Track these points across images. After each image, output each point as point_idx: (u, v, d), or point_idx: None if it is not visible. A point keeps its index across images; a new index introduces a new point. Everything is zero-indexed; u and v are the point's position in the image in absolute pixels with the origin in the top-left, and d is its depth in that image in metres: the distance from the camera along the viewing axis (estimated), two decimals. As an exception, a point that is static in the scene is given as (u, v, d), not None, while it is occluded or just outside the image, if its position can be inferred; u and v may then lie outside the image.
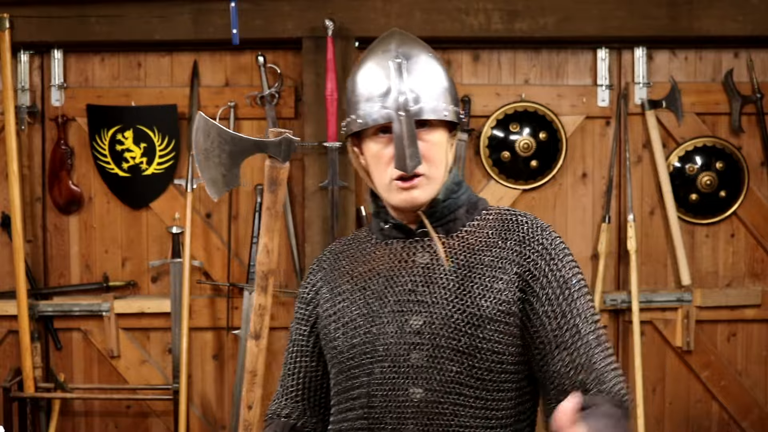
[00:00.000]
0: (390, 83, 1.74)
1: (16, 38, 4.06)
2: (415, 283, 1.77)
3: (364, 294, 1.81)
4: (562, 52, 4.28)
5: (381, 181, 1.79)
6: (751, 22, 4.10)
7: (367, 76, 1.78)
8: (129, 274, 4.31)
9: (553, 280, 1.75)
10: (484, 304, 1.72)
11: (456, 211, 1.82)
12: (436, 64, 1.81)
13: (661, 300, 4.25)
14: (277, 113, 4.18)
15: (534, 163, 4.24)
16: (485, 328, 1.71)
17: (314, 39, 4.04)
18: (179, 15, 4.08)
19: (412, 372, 1.72)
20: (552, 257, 1.77)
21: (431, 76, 1.78)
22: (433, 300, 1.75)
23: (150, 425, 4.34)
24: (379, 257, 1.84)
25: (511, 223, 1.82)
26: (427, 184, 1.77)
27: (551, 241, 1.79)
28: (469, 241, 1.80)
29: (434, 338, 1.72)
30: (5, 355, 4.29)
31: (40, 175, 4.29)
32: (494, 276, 1.75)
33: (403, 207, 1.79)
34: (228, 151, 1.75)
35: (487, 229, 1.81)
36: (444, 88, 1.79)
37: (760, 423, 4.32)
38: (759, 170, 4.32)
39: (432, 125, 1.77)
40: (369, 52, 1.82)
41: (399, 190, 1.76)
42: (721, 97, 4.27)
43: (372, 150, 1.79)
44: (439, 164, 1.79)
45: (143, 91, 4.26)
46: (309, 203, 4.10)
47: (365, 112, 1.76)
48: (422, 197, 1.77)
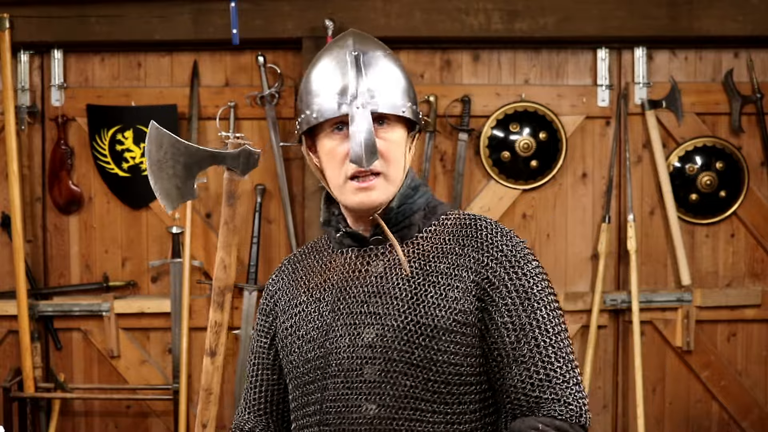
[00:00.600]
0: (347, 77, 1.67)
1: (16, 38, 4.06)
2: (367, 294, 1.69)
3: (318, 306, 1.73)
4: (562, 52, 4.28)
5: (335, 181, 1.70)
6: (751, 22, 4.10)
7: (323, 71, 1.71)
8: (129, 274, 4.31)
9: (513, 290, 1.66)
10: (439, 314, 1.64)
11: (411, 216, 1.74)
12: (394, 62, 1.74)
13: (661, 300, 4.25)
14: (277, 113, 4.18)
15: (534, 163, 4.24)
16: (440, 339, 1.63)
17: (314, 39, 4.04)
18: (179, 15, 4.08)
19: (365, 387, 1.65)
20: (512, 264, 1.67)
21: (389, 73, 1.71)
22: (386, 311, 1.66)
23: (150, 425, 4.34)
24: (333, 267, 1.77)
25: (470, 228, 1.72)
26: (384, 185, 1.69)
27: (512, 246, 1.69)
28: (425, 248, 1.71)
29: (387, 351, 1.64)
30: (5, 355, 4.29)
31: (40, 175, 4.29)
32: (450, 284, 1.66)
33: (359, 209, 1.70)
34: (182, 162, 1.65)
35: (445, 235, 1.72)
36: (402, 86, 1.71)
37: (760, 423, 4.32)
38: (759, 170, 4.32)
39: (390, 123, 1.69)
40: (324, 49, 1.76)
41: (355, 191, 1.68)
42: (721, 97, 4.27)
43: (326, 147, 1.70)
44: (397, 164, 1.71)
45: (143, 91, 4.26)
46: (309, 203, 4.10)
47: (320, 106, 1.68)
48: (379, 198, 1.69)
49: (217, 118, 4.15)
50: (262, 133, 4.22)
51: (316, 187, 4.08)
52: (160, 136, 1.66)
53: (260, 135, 4.23)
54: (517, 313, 1.65)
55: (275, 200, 4.25)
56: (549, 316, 1.66)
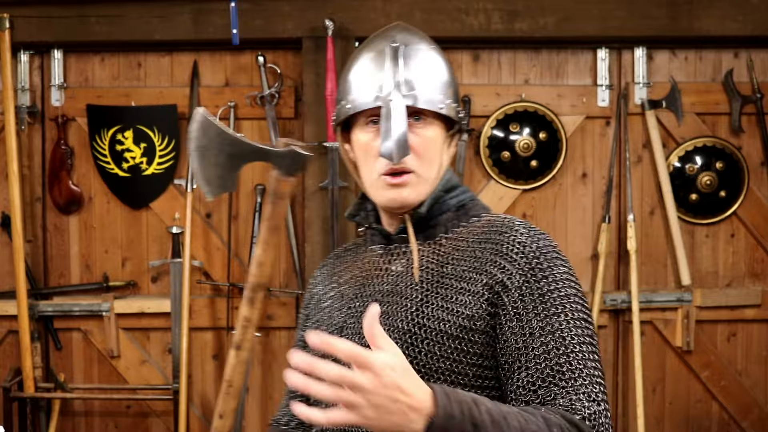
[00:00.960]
0: (384, 68, 1.62)
1: (16, 38, 4.06)
2: (383, 294, 1.64)
3: (341, 303, 1.70)
4: (562, 52, 4.28)
5: (368, 177, 1.66)
6: (751, 22, 4.10)
7: (362, 62, 1.66)
8: (129, 274, 4.31)
9: (527, 293, 1.53)
10: (445, 318, 1.55)
11: (439, 217, 1.67)
12: (438, 56, 1.68)
13: (661, 300, 4.25)
14: (277, 113, 4.18)
15: (534, 163, 4.24)
16: (443, 344, 1.54)
17: (314, 39, 4.04)
18: (179, 15, 4.08)
19: None
20: (532, 266, 1.55)
21: (430, 67, 1.65)
22: (395, 313, 1.60)
23: (150, 425, 4.34)
24: (360, 264, 1.73)
25: (495, 230, 1.63)
26: (417, 183, 1.63)
27: (536, 248, 1.58)
28: (445, 250, 1.64)
29: None
30: (5, 355, 4.29)
31: (40, 175, 4.29)
32: (461, 288, 1.57)
33: (390, 206, 1.65)
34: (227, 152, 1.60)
35: (470, 237, 1.64)
36: (443, 82, 1.65)
37: (760, 423, 4.32)
38: (759, 170, 4.32)
39: (427, 120, 1.64)
40: (368, 40, 1.71)
41: (387, 187, 1.63)
42: (721, 97, 4.27)
43: (360, 141, 1.65)
44: (432, 162, 1.65)
45: (143, 91, 4.26)
46: (309, 203, 4.10)
47: (355, 98, 1.64)
48: (411, 197, 1.63)
49: (217, 118, 4.14)
50: (262, 133, 4.22)
51: (316, 187, 4.08)
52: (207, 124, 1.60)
53: (260, 135, 4.23)
54: (528, 317, 1.52)
55: (275, 200, 4.24)
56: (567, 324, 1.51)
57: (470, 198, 1.72)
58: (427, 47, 1.67)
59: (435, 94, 1.63)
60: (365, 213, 1.75)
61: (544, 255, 1.57)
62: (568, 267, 1.59)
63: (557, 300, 1.53)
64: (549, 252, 1.58)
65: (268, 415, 4.28)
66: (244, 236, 4.25)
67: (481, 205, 1.73)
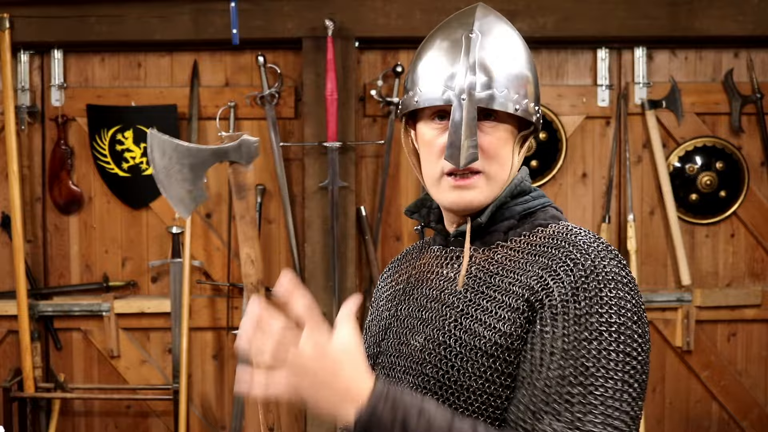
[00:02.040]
0: (458, 61, 1.48)
1: (16, 38, 4.06)
2: (429, 299, 1.54)
3: (391, 304, 1.62)
4: (562, 52, 4.28)
5: (430, 174, 1.52)
6: (751, 22, 4.10)
7: (435, 50, 1.51)
8: (129, 274, 4.31)
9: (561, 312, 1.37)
10: (482, 333, 1.43)
11: (500, 224, 1.53)
12: (520, 48, 1.54)
13: (661, 300, 4.25)
14: (277, 113, 4.18)
15: (534, 163, 4.24)
16: (476, 362, 1.42)
17: (314, 39, 4.04)
18: (179, 15, 4.08)
19: None
20: (576, 287, 1.37)
21: (509, 60, 1.50)
22: (434, 320, 1.50)
23: (150, 425, 4.34)
24: (418, 264, 1.63)
25: (553, 242, 1.47)
26: (485, 185, 1.50)
27: (587, 268, 1.39)
28: (498, 259, 1.50)
29: (423, 365, 1.47)
30: (5, 355, 4.29)
31: (40, 175, 4.29)
32: (503, 302, 1.43)
33: (453, 209, 1.53)
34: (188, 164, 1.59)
35: (528, 247, 1.48)
36: (522, 78, 1.50)
37: (760, 423, 4.32)
38: (759, 170, 4.32)
39: (499, 118, 1.49)
40: (444, 23, 1.55)
41: (450, 189, 1.50)
42: (721, 97, 4.27)
43: (425, 136, 1.52)
44: (503, 163, 1.50)
45: (143, 91, 4.26)
46: (309, 203, 4.09)
47: (425, 90, 1.49)
48: (477, 199, 1.50)
49: (217, 118, 4.15)
50: (262, 133, 4.22)
51: (317, 187, 4.08)
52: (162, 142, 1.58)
53: (260, 135, 4.23)
54: (554, 337, 1.35)
55: (275, 200, 4.25)
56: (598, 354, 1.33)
57: (541, 205, 1.57)
58: (509, 37, 1.53)
59: (511, 92, 1.48)
60: (427, 210, 1.63)
61: (596, 275, 1.38)
62: (625, 292, 1.38)
63: (594, 325, 1.34)
64: (603, 272, 1.39)
65: (268, 415, 4.28)
66: (244, 236, 4.24)
67: (553, 213, 1.57)
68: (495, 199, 1.52)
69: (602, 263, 1.40)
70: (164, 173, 1.59)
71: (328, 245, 4.05)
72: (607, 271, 1.39)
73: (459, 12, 1.56)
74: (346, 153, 4.07)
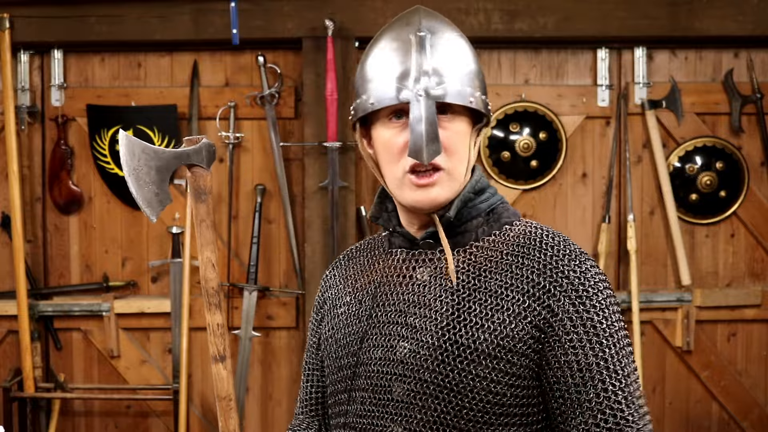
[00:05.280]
0: (410, 60, 1.49)
1: (16, 38, 4.06)
2: (407, 303, 1.53)
3: (358, 310, 1.59)
4: (562, 52, 4.28)
5: (392, 176, 1.53)
6: (751, 22, 4.10)
7: (384, 51, 1.52)
8: (129, 274, 4.31)
9: (579, 324, 1.46)
10: (481, 336, 1.46)
11: (468, 222, 1.56)
12: (465, 44, 1.55)
13: (661, 300, 4.25)
14: (277, 113, 4.18)
15: (534, 163, 4.24)
16: (479, 363, 1.45)
17: (314, 39, 4.04)
18: (179, 15, 4.08)
19: (392, 407, 1.50)
20: (579, 294, 1.47)
21: (458, 56, 1.52)
22: (423, 325, 1.49)
23: (150, 425, 4.34)
24: (380, 268, 1.61)
25: (534, 244, 1.53)
26: (446, 182, 1.51)
27: (581, 273, 1.50)
28: (477, 260, 1.53)
29: (419, 370, 1.48)
30: (5, 355, 4.29)
31: (40, 175, 4.29)
32: (499, 305, 1.48)
33: (419, 208, 1.53)
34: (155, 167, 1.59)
35: (504, 247, 1.53)
36: (472, 72, 1.52)
37: (760, 423, 4.32)
38: (759, 170, 4.32)
39: (455, 113, 1.51)
40: (387, 26, 1.56)
41: (413, 187, 1.51)
42: (721, 97, 4.27)
43: (383, 137, 1.53)
44: (461, 159, 1.52)
45: (143, 91, 4.26)
46: (309, 203, 4.10)
47: (379, 92, 1.50)
48: (440, 197, 1.51)
49: (217, 118, 4.16)
50: (262, 133, 4.22)
51: (317, 187, 4.08)
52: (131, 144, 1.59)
53: (260, 135, 4.23)
54: (584, 351, 1.45)
55: (275, 200, 4.25)
56: (618, 355, 1.47)
57: (500, 201, 1.61)
58: (454, 35, 1.54)
59: (464, 86, 1.50)
60: (387, 214, 1.63)
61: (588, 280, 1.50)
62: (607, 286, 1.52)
63: (607, 330, 1.47)
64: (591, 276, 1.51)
65: (267, 414, 4.28)
66: (244, 236, 4.25)
67: (512, 210, 1.62)
68: (457, 195, 1.54)
69: (587, 266, 1.51)
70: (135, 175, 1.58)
71: (328, 245, 4.05)
72: (593, 273, 1.51)
73: (401, 15, 1.57)
74: (346, 153, 4.07)
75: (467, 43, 1.56)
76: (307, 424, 1.75)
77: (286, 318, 4.26)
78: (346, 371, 1.58)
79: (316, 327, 1.73)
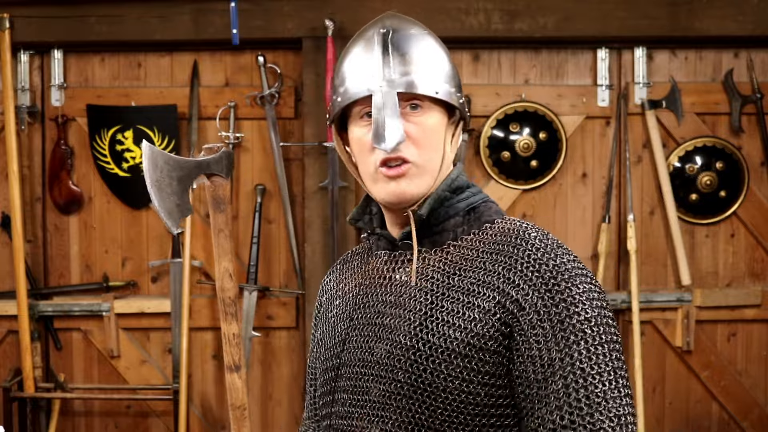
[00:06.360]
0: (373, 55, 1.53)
1: (16, 38, 4.06)
2: (386, 305, 1.53)
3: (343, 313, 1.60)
4: (562, 52, 4.28)
5: (366, 171, 1.54)
6: (751, 22, 4.10)
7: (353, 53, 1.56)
8: (129, 274, 4.31)
9: (545, 318, 1.42)
10: (452, 335, 1.45)
11: (446, 222, 1.56)
12: (433, 41, 1.58)
13: (661, 300, 4.25)
14: (277, 113, 4.18)
15: (534, 163, 4.24)
16: (451, 363, 1.44)
17: (314, 39, 4.04)
18: (179, 15, 4.08)
19: (370, 408, 1.50)
20: (549, 287, 1.44)
21: (425, 51, 1.55)
22: (398, 326, 1.50)
23: (150, 425, 4.34)
24: (365, 272, 1.62)
25: (510, 240, 1.51)
26: (417, 175, 1.51)
27: (554, 266, 1.46)
28: (453, 259, 1.52)
29: (393, 371, 1.48)
30: (5, 355, 4.29)
31: (40, 175, 4.29)
32: (470, 303, 1.46)
33: (390, 201, 1.53)
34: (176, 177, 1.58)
35: (482, 245, 1.52)
36: (440, 67, 1.55)
37: (760, 423, 4.32)
38: (759, 170, 4.32)
39: (425, 107, 1.52)
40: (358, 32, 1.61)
41: (385, 180, 1.51)
42: (721, 97, 4.27)
43: (356, 135, 1.54)
44: (433, 152, 1.53)
45: (143, 91, 4.26)
46: (309, 203, 4.10)
47: (346, 89, 1.53)
48: (411, 190, 1.51)
49: (217, 118, 4.16)
50: (262, 133, 4.22)
51: (317, 187, 4.08)
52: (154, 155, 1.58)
53: (260, 135, 4.23)
54: (548, 346, 1.42)
55: (275, 200, 4.25)
56: (590, 353, 1.41)
57: (482, 200, 1.61)
58: (419, 32, 1.59)
59: (430, 79, 1.52)
60: (369, 217, 1.64)
61: (561, 274, 1.45)
62: (587, 281, 1.47)
63: (577, 326, 1.42)
64: (567, 269, 1.46)
65: (268, 414, 4.28)
66: (244, 236, 4.25)
67: (495, 209, 1.61)
68: (431, 191, 1.54)
69: (562, 260, 1.47)
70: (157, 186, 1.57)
71: (328, 245, 4.05)
72: (569, 267, 1.46)
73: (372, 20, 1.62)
74: (346, 153, 4.06)
75: (436, 41, 1.59)
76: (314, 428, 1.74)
77: (286, 318, 4.26)
78: (330, 373, 1.59)
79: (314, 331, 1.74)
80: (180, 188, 1.58)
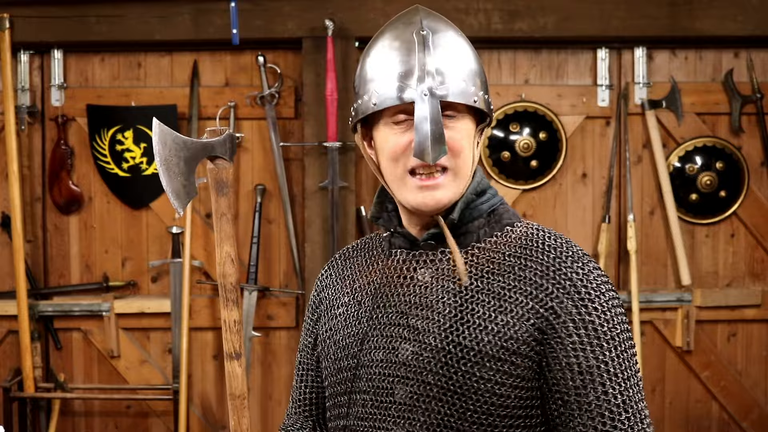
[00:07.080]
0: (413, 59, 1.46)
1: (16, 38, 4.06)
2: (409, 305, 1.52)
3: (358, 311, 1.58)
4: (562, 52, 4.28)
5: (394, 177, 1.51)
6: (751, 22, 4.10)
7: (385, 51, 1.50)
8: (129, 274, 4.31)
9: (581, 326, 1.45)
10: (485, 338, 1.45)
11: (470, 223, 1.55)
12: (466, 44, 1.53)
13: (661, 300, 4.25)
14: (277, 113, 4.18)
15: (534, 163, 4.24)
16: (483, 366, 1.44)
17: (314, 39, 4.04)
18: (179, 15, 4.08)
19: (394, 410, 1.49)
20: (582, 296, 1.47)
21: (460, 55, 1.50)
22: (425, 327, 1.49)
23: (150, 425, 4.34)
24: (379, 269, 1.60)
25: (536, 245, 1.52)
26: (451, 183, 1.49)
27: (584, 275, 1.50)
28: (480, 261, 1.52)
29: (422, 373, 1.47)
30: (5, 355, 4.29)
31: (40, 175, 4.29)
32: (502, 307, 1.47)
33: (422, 210, 1.51)
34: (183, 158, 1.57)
35: (506, 249, 1.53)
36: (474, 72, 1.50)
37: (760, 423, 4.32)
38: (759, 170, 4.32)
39: (458, 113, 1.49)
40: (387, 26, 1.55)
41: (417, 189, 1.49)
42: (721, 97, 4.27)
43: (385, 138, 1.50)
44: (466, 159, 1.50)
45: (143, 91, 4.26)
46: (309, 203, 4.10)
47: (382, 92, 1.47)
48: (445, 198, 1.50)
49: (217, 118, 4.15)
50: (262, 133, 4.22)
51: (317, 187, 4.08)
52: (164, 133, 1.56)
53: (260, 135, 4.24)
54: (585, 354, 1.44)
55: (275, 200, 4.25)
56: (620, 358, 1.46)
57: (500, 202, 1.60)
58: (455, 34, 1.53)
59: (467, 85, 1.48)
60: (388, 214, 1.61)
61: (590, 282, 1.50)
62: (609, 287, 1.52)
63: (609, 333, 1.47)
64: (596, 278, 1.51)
65: (268, 414, 4.28)
66: (244, 236, 4.25)
67: (512, 211, 1.61)
68: (461, 196, 1.53)
69: (589, 267, 1.51)
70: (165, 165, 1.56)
71: (328, 245, 4.05)
72: (597, 275, 1.51)
73: (400, 14, 1.55)
74: (346, 153, 4.07)
75: (468, 43, 1.54)
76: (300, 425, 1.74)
77: (286, 318, 4.26)
78: (345, 373, 1.56)
79: (312, 327, 1.72)
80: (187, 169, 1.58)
